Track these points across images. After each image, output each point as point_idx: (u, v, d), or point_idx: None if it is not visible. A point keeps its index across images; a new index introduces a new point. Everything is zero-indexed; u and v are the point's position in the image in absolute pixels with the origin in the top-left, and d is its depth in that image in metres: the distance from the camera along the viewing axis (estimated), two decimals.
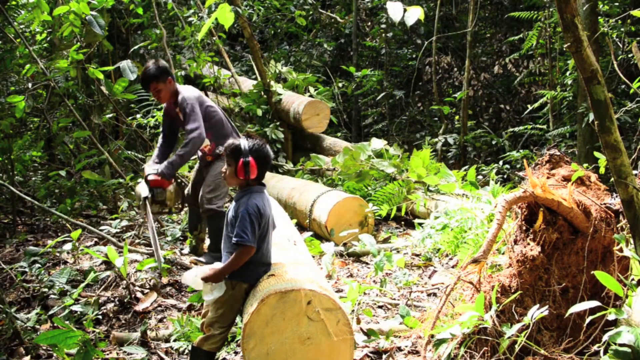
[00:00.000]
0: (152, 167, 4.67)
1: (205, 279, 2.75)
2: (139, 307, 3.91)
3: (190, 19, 7.74)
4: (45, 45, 7.41)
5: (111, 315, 3.83)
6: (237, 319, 3.45)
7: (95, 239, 5.27)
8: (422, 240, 4.90)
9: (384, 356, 3.15)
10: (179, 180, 4.91)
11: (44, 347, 3.34)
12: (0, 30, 6.35)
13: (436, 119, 10.01)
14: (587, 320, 2.46)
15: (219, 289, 2.78)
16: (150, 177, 4.56)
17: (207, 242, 5.08)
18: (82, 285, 3.86)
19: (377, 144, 6.78)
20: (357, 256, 5.04)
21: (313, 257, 4.35)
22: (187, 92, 4.66)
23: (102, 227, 5.29)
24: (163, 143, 4.88)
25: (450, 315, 2.97)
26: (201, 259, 4.81)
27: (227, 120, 4.85)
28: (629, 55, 6.50)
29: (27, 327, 3.49)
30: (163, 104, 4.79)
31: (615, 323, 2.53)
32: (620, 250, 2.77)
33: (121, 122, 7.33)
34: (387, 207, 5.52)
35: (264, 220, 2.83)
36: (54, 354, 3.25)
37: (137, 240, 5.18)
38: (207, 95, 8.42)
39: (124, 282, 4.05)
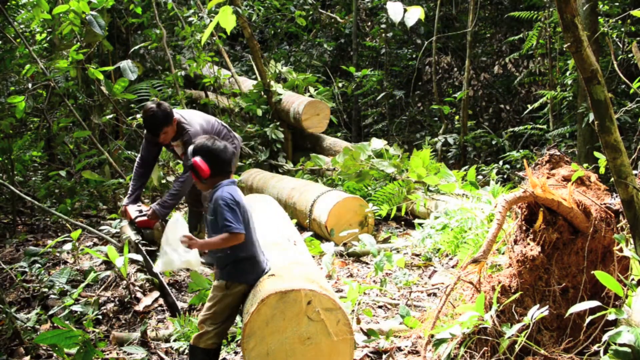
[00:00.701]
0: (134, 207, 4.64)
1: (185, 240, 2.72)
2: (139, 307, 3.91)
3: (190, 19, 7.74)
4: (45, 45, 7.41)
5: (111, 315, 3.83)
6: (237, 319, 3.45)
7: (95, 239, 5.27)
8: (422, 240, 4.90)
9: (384, 356, 3.15)
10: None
11: (44, 347, 3.34)
12: (0, 30, 6.35)
13: (436, 119, 10.01)
14: (587, 320, 2.46)
15: (188, 259, 2.74)
16: (137, 220, 4.53)
17: None
18: (82, 285, 3.86)
19: (377, 144, 6.78)
20: (357, 256, 5.04)
21: (313, 257, 4.35)
22: (194, 127, 4.55)
23: (102, 227, 5.28)
24: (140, 169, 4.76)
25: (450, 315, 2.97)
26: (202, 259, 4.82)
27: (224, 127, 4.91)
28: (629, 55, 6.50)
29: (27, 327, 3.49)
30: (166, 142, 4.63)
31: (615, 323, 2.53)
32: (620, 250, 2.77)
33: (121, 122, 7.33)
34: (387, 207, 5.52)
35: (242, 208, 2.78)
36: (54, 354, 3.25)
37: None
38: (207, 95, 8.43)
39: (124, 282, 4.05)
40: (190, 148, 2.86)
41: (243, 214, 2.79)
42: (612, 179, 2.71)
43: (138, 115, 7.20)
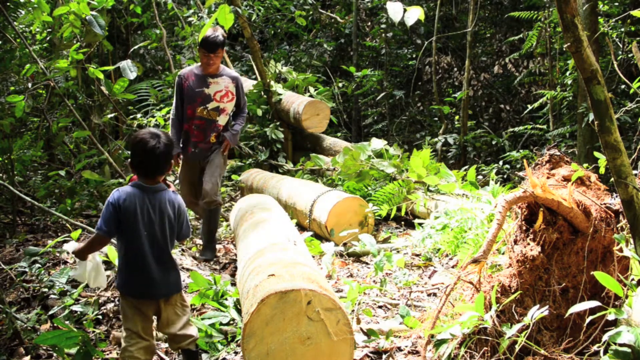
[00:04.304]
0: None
1: (74, 252, 2.82)
2: None
3: (190, 19, 7.75)
4: (45, 45, 7.41)
5: (111, 315, 3.82)
6: (237, 319, 3.45)
7: None
8: (422, 240, 4.90)
9: (384, 356, 3.14)
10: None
11: (44, 347, 3.34)
12: (0, 30, 6.35)
13: (436, 119, 10.01)
14: (587, 320, 2.46)
15: (80, 268, 2.86)
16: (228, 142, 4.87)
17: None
18: (82, 285, 3.85)
19: (377, 144, 6.78)
20: (357, 256, 5.03)
21: (313, 257, 4.35)
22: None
23: None
24: (179, 124, 4.81)
25: (450, 315, 2.96)
26: (201, 257, 4.86)
27: None
28: (629, 55, 6.50)
29: (27, 327, 3.49)
30: (209, 72, 4.73)
31: (615, 323, 2.53)
32: (620, 250, 2.77)
33: (121, 122, 7.33)
34: (387, 207, 5.52)
35: (124, 214, 2.62)
36: (54, 354, 3.25)
37: None
38: None
39: None
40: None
41: (125, 220, 2.63)
42: (612, 179, 2.71)
43: (138, 115, 7.20)
